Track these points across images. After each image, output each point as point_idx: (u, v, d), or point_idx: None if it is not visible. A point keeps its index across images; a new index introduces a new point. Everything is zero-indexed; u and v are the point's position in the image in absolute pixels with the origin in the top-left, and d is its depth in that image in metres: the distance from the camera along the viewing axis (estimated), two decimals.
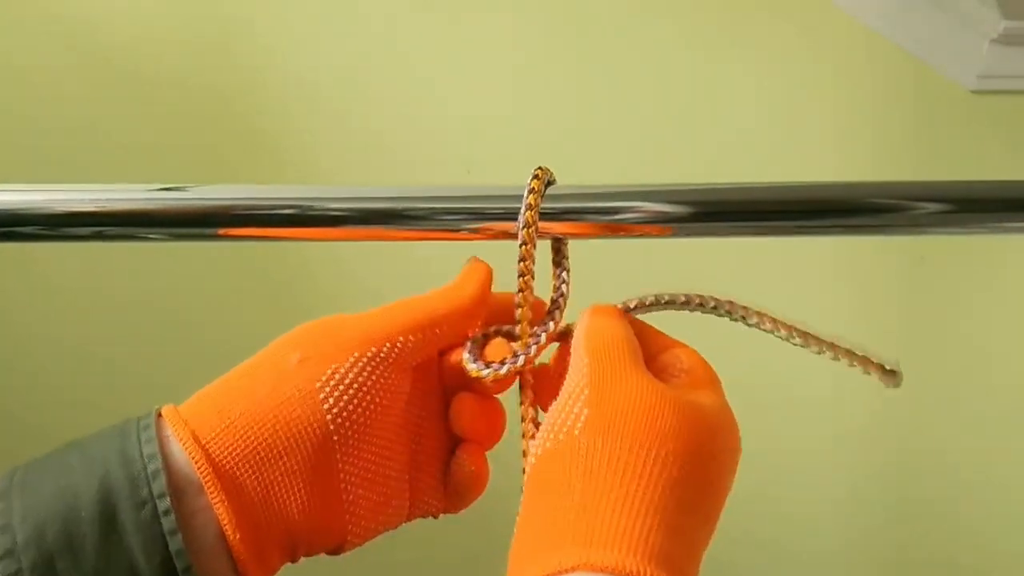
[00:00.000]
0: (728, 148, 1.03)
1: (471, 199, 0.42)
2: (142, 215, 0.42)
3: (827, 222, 0.41)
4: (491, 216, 0.41)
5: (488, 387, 0.39)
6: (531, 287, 0.40)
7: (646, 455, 0.32)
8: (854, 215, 0.41)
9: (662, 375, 0.38)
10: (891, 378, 0.39)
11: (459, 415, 0.39)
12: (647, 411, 0.33)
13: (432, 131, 1.05)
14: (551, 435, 0.34)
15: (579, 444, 0.33)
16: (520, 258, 0.40)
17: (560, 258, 0.42)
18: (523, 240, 0.40)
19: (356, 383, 0.36)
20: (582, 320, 0.40)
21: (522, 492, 0.35)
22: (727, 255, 1.02)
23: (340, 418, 0.35)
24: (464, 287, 0.40)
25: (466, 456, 0.39)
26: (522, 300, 0.40)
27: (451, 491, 0.40)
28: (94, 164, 1.06)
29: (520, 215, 0.40)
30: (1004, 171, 0.83)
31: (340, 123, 1.05)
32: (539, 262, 0.40)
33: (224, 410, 0.35)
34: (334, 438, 0.35)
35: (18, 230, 0.42)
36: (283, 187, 0.43)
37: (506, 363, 0.39)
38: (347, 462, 0.36)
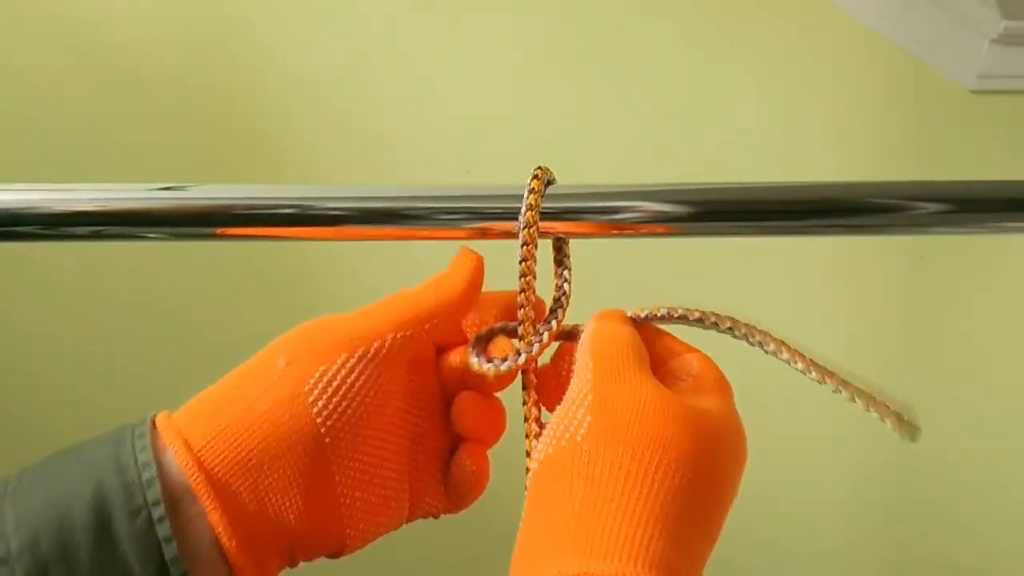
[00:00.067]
0: (728, 148, 1.03)
1: (471, 199, 0.42)
2: (142, 214, 0.42)
3: (827, 222, 0.41)
4: (491, 216, 0.41)
5: (490, 384, 0.39)
6: (533, 287, 0.40)
7: (648, 463, 0.32)
8: (854, 215, 0.41)
9: (670, 380, 0.38)
10: (906, 429, 0.36)
11: (462, 413, 0.39)
12: (651, 418, 0.33)
13: (432, 131, 1.05)
14: (554, 441, 0.34)
15: (581, 451, 0.33)
16: (521, 258, 0.40)
17: (562, 257, 0.42)
18: (524, 240, 0.40)
19: (345, 384, 0.35)
20: (588, 325, 0.40)
21: (525, 492, 0.35)
22: (727, 255, 1.02)
23: (330, 420, 0.35)
24: (453, 278, 0.39)
25: (467, 456, 0.39)
26: (524, 300, 0.40)
27: (452, 491, 0.40)
28: (94, 164, 1.06)
29: (520, 215, 0.40)
30: (1004, 171, 0.83)
31: (340, 123, 1.05)
32: (540, 262, 0.40)
33: (216, 417, 0.35)
34: (326, 441, 0.35)
35: (17, 229, 0.42)
36: (283, 187, 0.43)
37: (508, 360, 0.39)
38: (341, 464, 0.35)
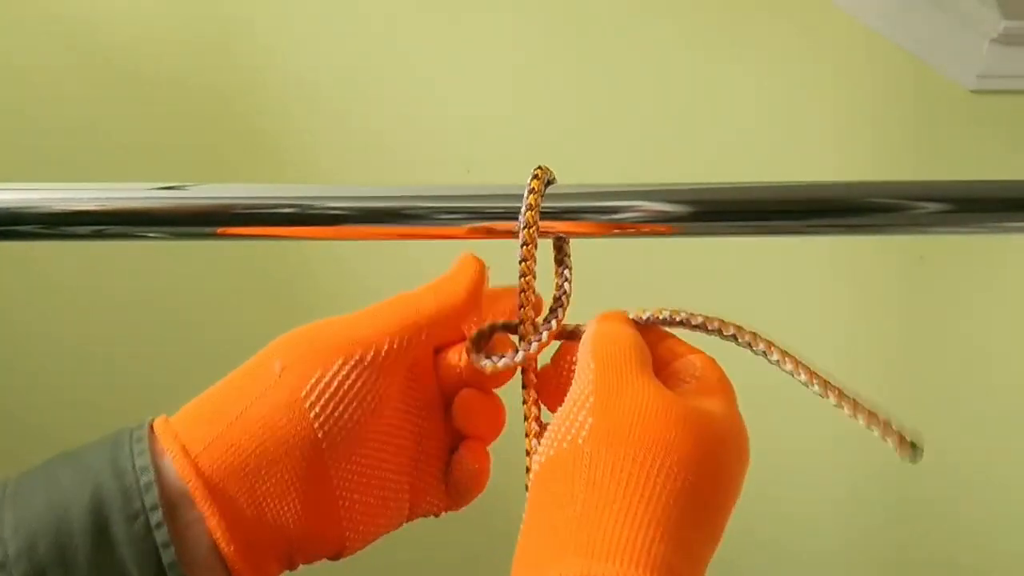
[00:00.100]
0: (728, 148, 1.03)
1: (471, 199, 0.42)
2: (142, 214, 0.42)
3: (827, 222, 0.41)
4: (491, 215, 0.41)
5: (489, 380, 0.39)
6: (533, 286, 0.40)
7: (650, 465, 0.32)
8: (854, 215, 0.41)
9: (673, 382, 0.38)
10: (908, 450, 0.35)
11: (463, 411, 0.39)
12: (652, 420, 0.33)
13: (432, 131, 1.05)
14: (555, 443, 0.34)
15: (583, 453, 0.33)
16: (521, 258, 0.40)
17: (562, 256, 0.42)
18: (524, 240, 0.40)
19: (341, 390, 0.35)
20: (590, 326, 0.39)
21: (525, 491, 0.35)
22: (727, 255, 1.02)
23: (327, 425, 0.35)
24: (455, 285, 0.39)
25: (469, 453, 0.39)
26: (524, 299, 0.40)
27: (453, 489, 0.40)
28: (94, 164, 1.06)
29: (520, 215, 0.40)
30: (1004, 171, 0.83)
31: (340, 123, 1.05)
32: (540, 261, 0.40)
33: (213, 422, 0.34)
34: (323, 445, 0.35)
35: (18, 229, 0.42)
36: (283, 186, 0.43)
37: (506, 357, 0.39)
38: (339, 468, 0.35)
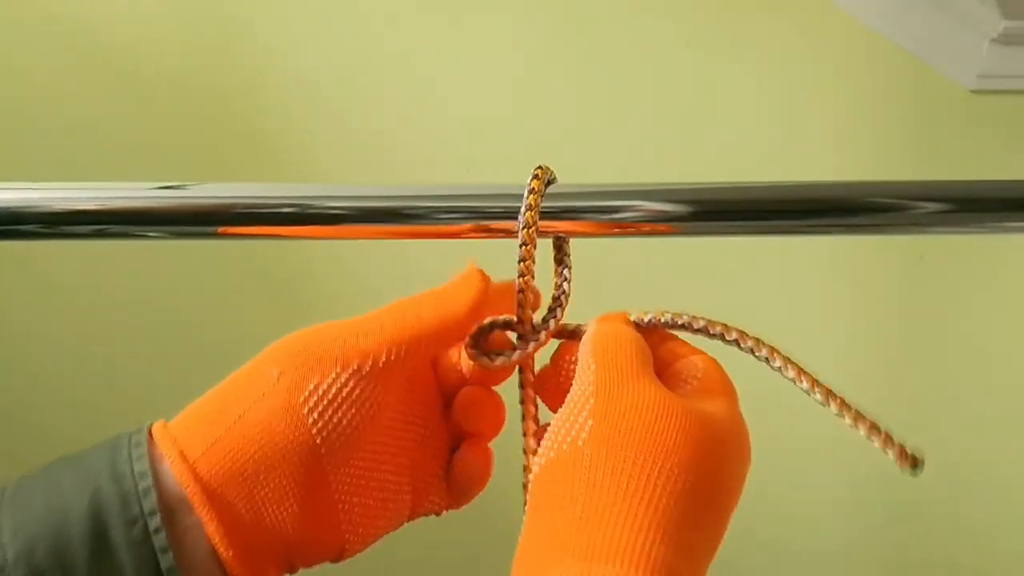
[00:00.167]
0: (728, 148, 1.03)
1: (471, 198, 0.42)
2: (142, 213, 0.42)
3: (827, 222, 0.41)
4: (491, 215, 0.41)
5: (488, 377, 0.40)
6: (532, 286, 0.40)
7: (651, 468, 0.32)
8: (854, 215, 0.41)
9: (674, 383, 0.38)
10: (908, 463, 0.35)
11: (465, 410, 0.39)
12: (653, 422, 0.33)
13: (432, 131, 1.05)
14: (555, 445, 0.34)
15: (583, 455, 0.32)
16: (520, 257, 0.40)
17: (562, 255, 0.42)
18: (523, 240, 0.40)
19: (339, 397, 0.35)
20: (591, 327, 0.39)
21: (524, 491, 0.35)
22: (727, 255, 1.02)
23: (326, 431, 0.35)
24: (458, 300, 0.38)
25: (470, 451, 0.40)
26: (523, 299, 0.40)
27: (455, 487, 0.40)
28: (94, 164, 1.06)
29: (520, 215, 0.40)
30: (1004, 171, 0.83)
31: (340, 123, 1.05)
32: (540, 261, 0.40)
33: (211, 427, 0.34)
34: (321, 451, 0.35)
35: (18, 228, 0.42)
36: (283, 185, 0.43)
37: (503, 355, 0.39)
38: (338, 472, 0.35)
